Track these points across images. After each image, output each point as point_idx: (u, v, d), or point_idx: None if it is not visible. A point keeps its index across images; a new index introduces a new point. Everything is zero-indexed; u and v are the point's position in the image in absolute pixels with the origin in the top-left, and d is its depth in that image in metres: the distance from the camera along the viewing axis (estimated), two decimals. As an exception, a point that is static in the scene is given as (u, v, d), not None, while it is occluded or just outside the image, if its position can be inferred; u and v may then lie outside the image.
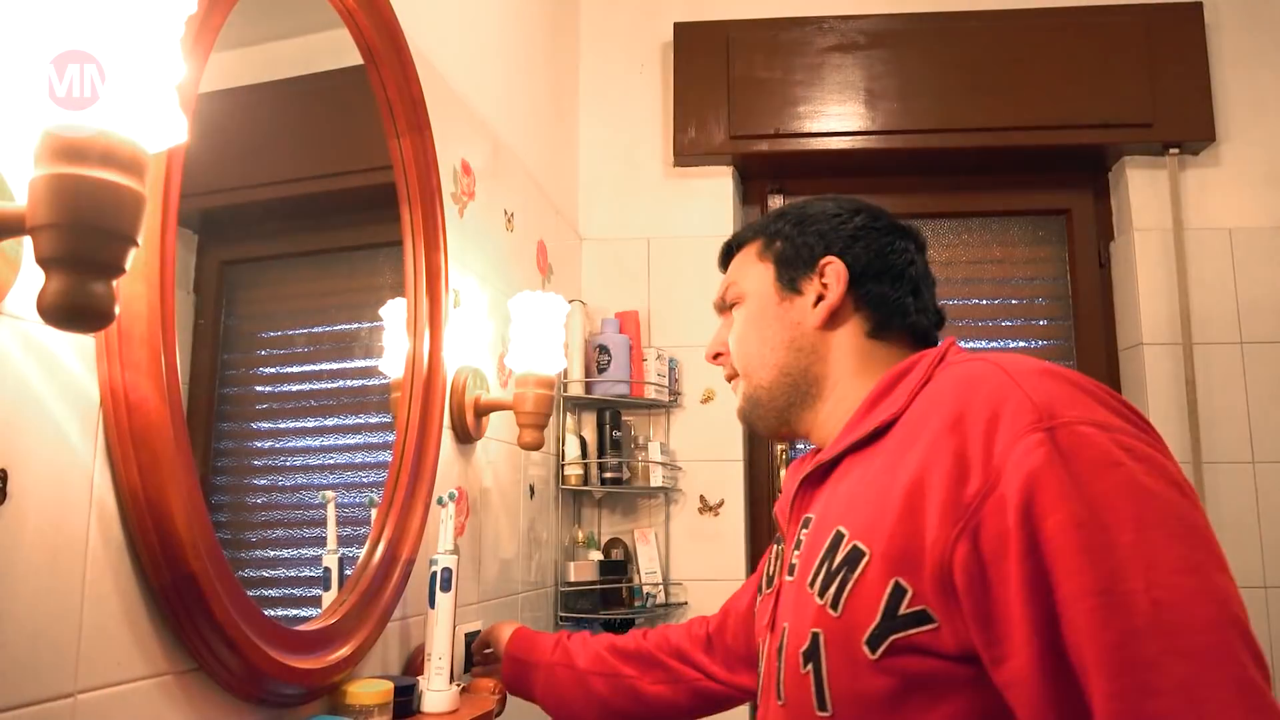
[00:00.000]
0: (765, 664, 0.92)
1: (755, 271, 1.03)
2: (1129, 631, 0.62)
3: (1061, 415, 0.70)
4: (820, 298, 0.97)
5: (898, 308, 0.97)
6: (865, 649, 0.75)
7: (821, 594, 0.80)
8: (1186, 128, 2.33)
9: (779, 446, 2.44)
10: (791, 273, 0.99)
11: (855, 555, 0.78)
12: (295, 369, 1.18)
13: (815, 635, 0.80)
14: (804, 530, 0.90)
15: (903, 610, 0.73)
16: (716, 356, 1.08)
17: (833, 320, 0.97)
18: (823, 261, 0.97)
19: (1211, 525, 0.69)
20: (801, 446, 2.29)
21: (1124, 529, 0.65)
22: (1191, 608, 0.63)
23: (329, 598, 1.13)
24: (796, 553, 0.90)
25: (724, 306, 1.08)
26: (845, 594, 0.78)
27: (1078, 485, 0.67)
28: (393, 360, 1.33)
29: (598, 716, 1.26)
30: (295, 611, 1.09)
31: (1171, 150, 2.35)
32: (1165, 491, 0.68)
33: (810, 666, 0.80)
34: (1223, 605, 0.63)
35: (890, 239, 0.99)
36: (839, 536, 0.81)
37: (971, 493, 0.71)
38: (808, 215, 1.01)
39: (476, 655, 1.40)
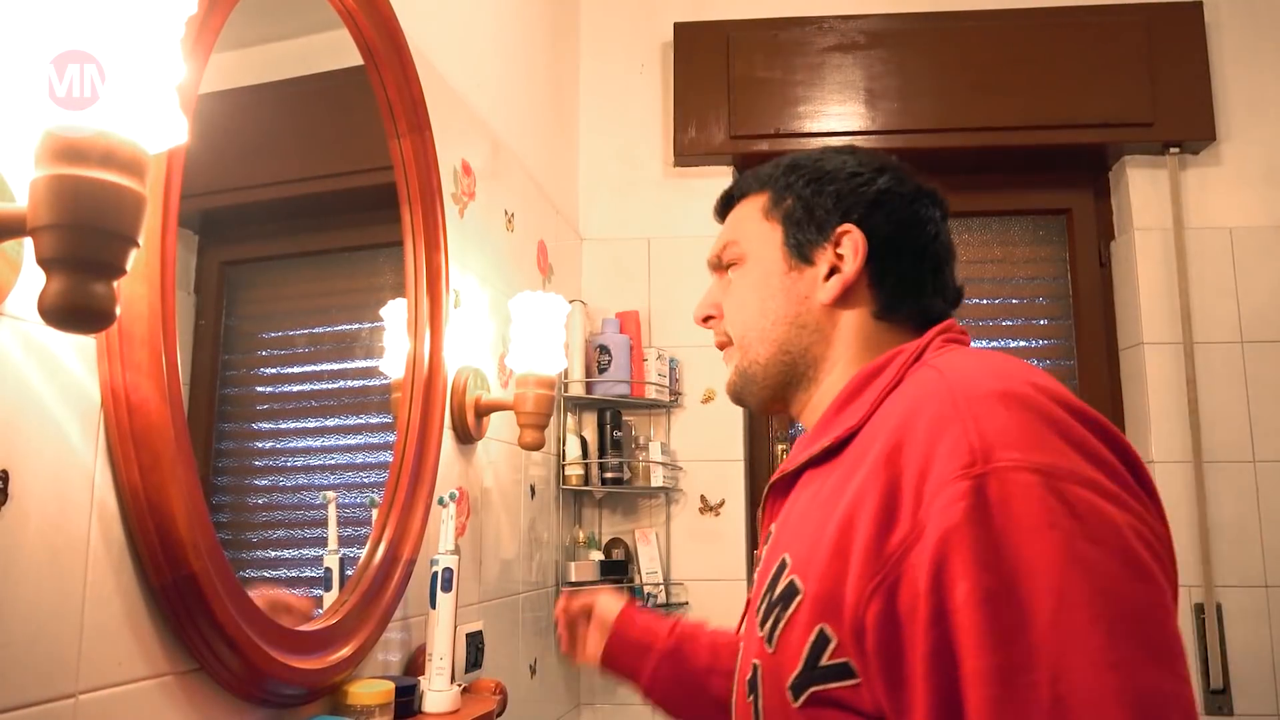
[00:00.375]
0: (733, 682, 0.87)
1: (760, 231, 0.90)
2: None
3: (998, 458, 0.60)
4: (834, 270, 0.85)
5: (914, 287, 0.86)
6: (789, 694, 0.69)
7: (762, 625, 0.74)
8: (1187, 127, 2.33)
9: (779, 446, 2.44)
10: (803, 238, 0.87)
11: (791, 592, 0.71)
12: (296, 369, 1.18)
13: (755, 667, 0.75)
14: (766, 545, 0.84)
15: (824, 661, 0.66)
16: (707, 319, 0.96)
17: (843, 297, 0.85)
18: (839, 230, 0.85)
19: (1169, 605, 0.59)
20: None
21: (1041, 607, 0.56)
22: (1100, 711, 0.53)
23: (330, 598, 1.14)
24: (757, 570, 0.84)
25: (719, 265, 0.96)
26: (778, 632, 0.71)
27: (996, 549, 0.57)
28: (393, 360, 1.33)
29: (709, 716, 1.08)
30: (296, 612, 1.09)
31: (1172, 150, 2.35)
32: (1103, 563, 0.57)
33: (752, 698, 0.75)
34: (1142, 712, 0.54)
35: (916, 207, 0.87)
36: (783, 565, 0.74)
37: (895, 543, 0.62)
38: (825, 172, 0.88)
39: (563, 623, 1.20)
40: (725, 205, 0.99)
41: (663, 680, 1.10)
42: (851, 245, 0.85)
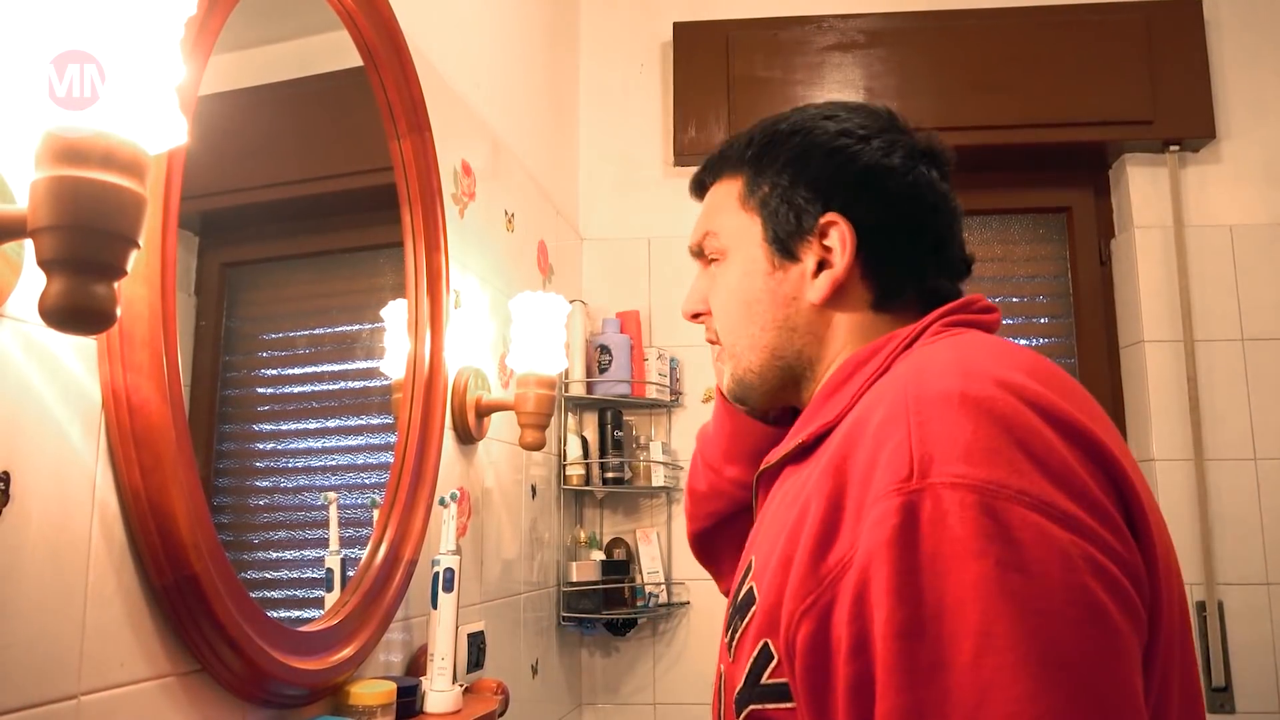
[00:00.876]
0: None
1: (738, 224, 0.81)
2: None
3: (934, 473, 0.53)
4: (822, 264, 0.77)
5: (914, 271, 0.77)
6: (734, 708, 0.64)
7: (726, 630, 0.69)
8: (1187, 125, 2.33)
9: (780, 446, 2.44)
10: (783, 232, 0.78)
11: (749, 600, 0.66)
12: (297, 370, 1.18)
13: (720, 672, 0.71)
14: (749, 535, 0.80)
15: (765, 679, 0.61)
16: (696, 316, 0.88)
17: (836, 294, 0.76)
18: (824, 220, 0.76)
19: (1126, 650, 0.51)
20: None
21: (961, 646, 0.49)
22: None
23: (331, 599, 1.14)
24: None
25: (701, 256, 0.86)
26: (735, 641, 0.66)
27: (917, 577, 0.51)
28: (394, 361, 1.33)
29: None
30: (298, 612, 1.09)
31: (1172, 147, 2.35)
32: (1040, 598, 0.50)
33: (719, 701, 0.71)
34: None
35: (909, 178, 0.77)
36: (748, 570, 0.69)
37: (832, 561, 0.56)
38: (803, 150, 0.78)
39: None
40: (699, 187, 0.88)
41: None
42: (839, 237, 0.75)
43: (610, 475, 2.22)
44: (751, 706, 0.62)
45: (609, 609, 2.14)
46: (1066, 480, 0.54)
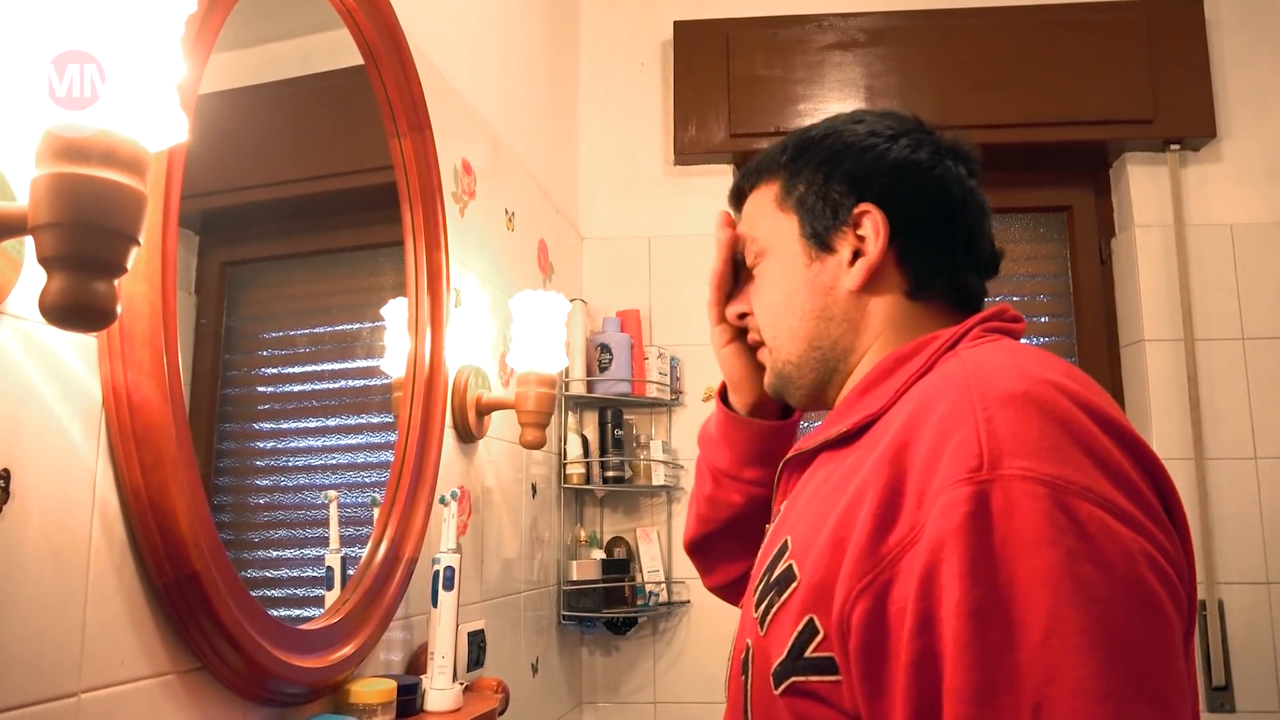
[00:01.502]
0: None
1: (775, 224, 0.86)
2: None
3: (1005, 465, 0.56)
4: (857, 254, 0.80)
5: (945, 263, 0.81)
6: (771, 680, 0.66)
7: (757, 606, 0.71)
8: (1187, 124, 2.33)
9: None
10: (820, 225, 0.82)
11: (788, 577, 0.68)
12: (297, 369, 1.18)
13: (748, 647, 0.73)
14: (773, 523, 0.82)
15: (810, 652, 0.63)
16: (742, 317, 0.93)
17: (871, 281, 0.80)
18: (857, 210, 0.80)
19: (1176, 642, 0.55)
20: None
21: (1031, 627, 0.52)
22: None
23: (332, 597, 1.14)
24: (762, 547, 0.81)
25: (743, 263, 0.92)
26: (771, 616, 0.68)
27: (991, 562, 0.54)
28: (394, 360, 1.33)
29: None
30: (298, 611, 1.09)
31: (1172, 146, 2.35)
32: (1106, 588, 0.53)
33: (744, 677, 0.73)
34: None
35: (937, 172, 0.81)
36: (784, 548, 0.71)
37: (892, 543, 0.59)
38: (835, 150, 0.83)
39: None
40: (738, 198, 0.94)
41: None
42: (872, 225, 0.79)
43: (610, 474, 2.22)
44: (794, 679, 0.64)
45: (609, 608, 2.14)
46: (1122, 480, 0.58)
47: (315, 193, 1.26)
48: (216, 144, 0.94)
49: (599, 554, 2.21)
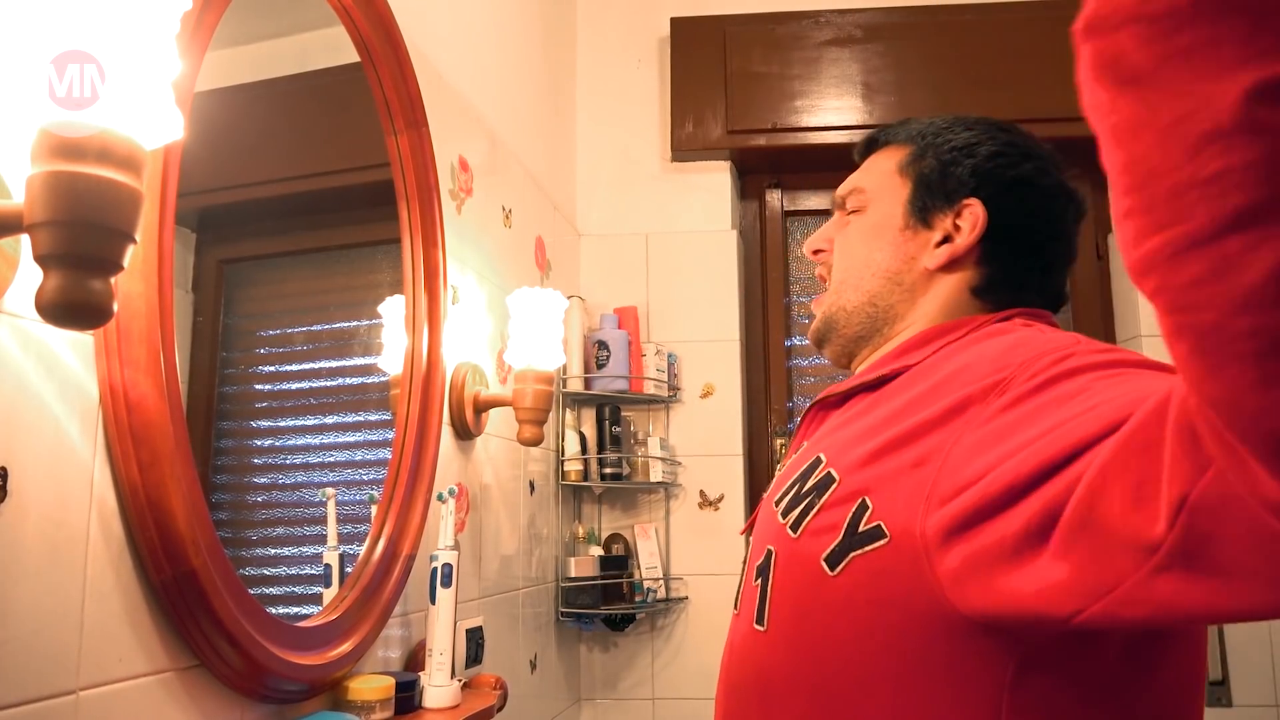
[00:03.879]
0: (741, 572, 0.89)
1: (889, 184, 0.91)
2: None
3: (1085, 349, 0.65)
4: (947, 238, 0.86)
5: (1018, 278, 0.87)
6: (824, 565, 0.71)
7: (785, 515, 0.77)
8: (1184, 119, 2.33)
9: (779, 441, 2.45)
10: (928, 201, 0.88)
11: (826, 481, 0.74)
12: (294, 367, 1.18)
13: (769, 552, 0.77)
14: (794, 455, 0.87)
15: (862, 526, 0.69)
16: (817, 253, 0.98)
17: (948, 266, 0.86)
18: (964, 201, 0.86)
19: None
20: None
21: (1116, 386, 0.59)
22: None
23: (330, 594, 1.14)
24: (780, 473, 0.86)
25: (842, 206, 0.96)
26: (810, 517, 0.74)
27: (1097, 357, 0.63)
28: (392, 357, 1.33)
29: None
30: (296, 608, 1.09)
31: (1169, 142, 2.35)
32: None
33: (759, 581, 0.78)
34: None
35: (1050, 203, 0.88)
36: (816, 462, 0.77)
37: (983, 389, 0.66)
38: (972, 143, 0.88)
39: None
40: (868, 147, 0.98)
41: None
42: (971, 219, 0.85)
43: (608, 471, 2.22)
44: (853, 554, 0.69)
45: (607, 604, 2.14)
46: None
47: (312, 190, 1.26)
48: (213, 142, 0.94)
49: (597, 551, 2.21)
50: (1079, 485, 0.51)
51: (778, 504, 0.79)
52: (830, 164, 2.51)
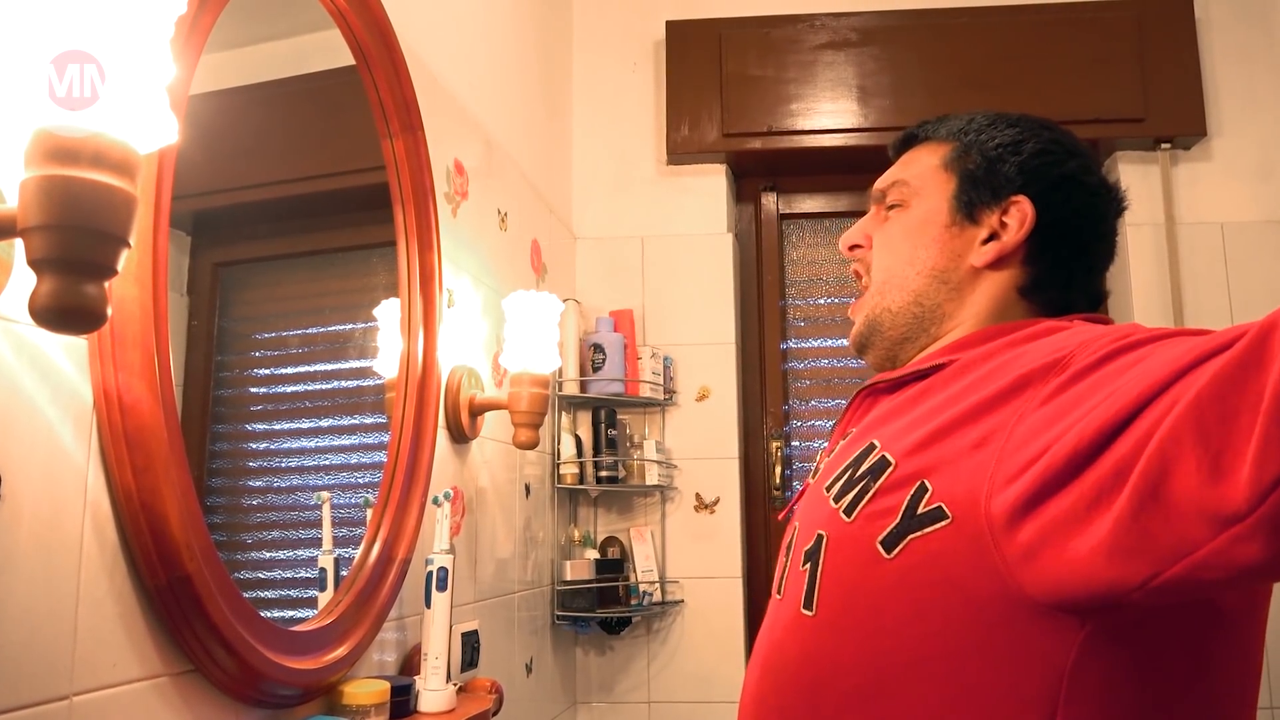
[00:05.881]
0: (780, 559, 0.87)
1: (933, 179, 0.90)
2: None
3: (1141, 332, 0.64)
4: (993, 236, 0.86)
5: (1064, 275, 0.86)
6: (880, 549, 0.70)
7: (837, 499, 0.75)
8: (1178, 122, 2.34)
9: (774, 444, 2.45)
10: (975, 197, 0.87)
11: (881, 465, 0.73)
12: (290, 370, 1.18)
13: (820, 536, 0.76)
14: (843, 441, 0.86)
15: (921, 509, 0.68)
16: (853, 248, 0.95)
17: (994, 264, 0.85)
18: (1012, 198, 0.85)
19: None
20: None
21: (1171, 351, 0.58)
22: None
23: (325, 598, 1.13)
24: (828, 459, 0.85)
25: (882, 200, 0.94)
26: (863, 502, 0.73)
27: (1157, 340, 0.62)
28: (387, 360, 1.33)
29: None
30: (291, 612, 1.09)
31: (1163, 145, 2.36)
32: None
33: (808, 566, 0.76)
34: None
35: (1094, 200, 0.87)
36: (870, 448, 0.76)
37: (1044, 365, 0.66)
38: (1016, 140, 0.88)
39: None
40: (905, 143, 0.97)
41: None
42: (1019, 216, 0.85)
43: (604, 474, 2.22)
44: (911, 536, 0.68)
45: (603, 608, 2.14)
46: None
47: (307, 193, 1.25)
48: (208, 145, 0.94)
49: (593, 554, 2.21)
50: (1150, 445, 0.51)
51: (829, 489, 0.77)
52: (826, 167, 2.53)
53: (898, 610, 0.68)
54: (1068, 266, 0.86)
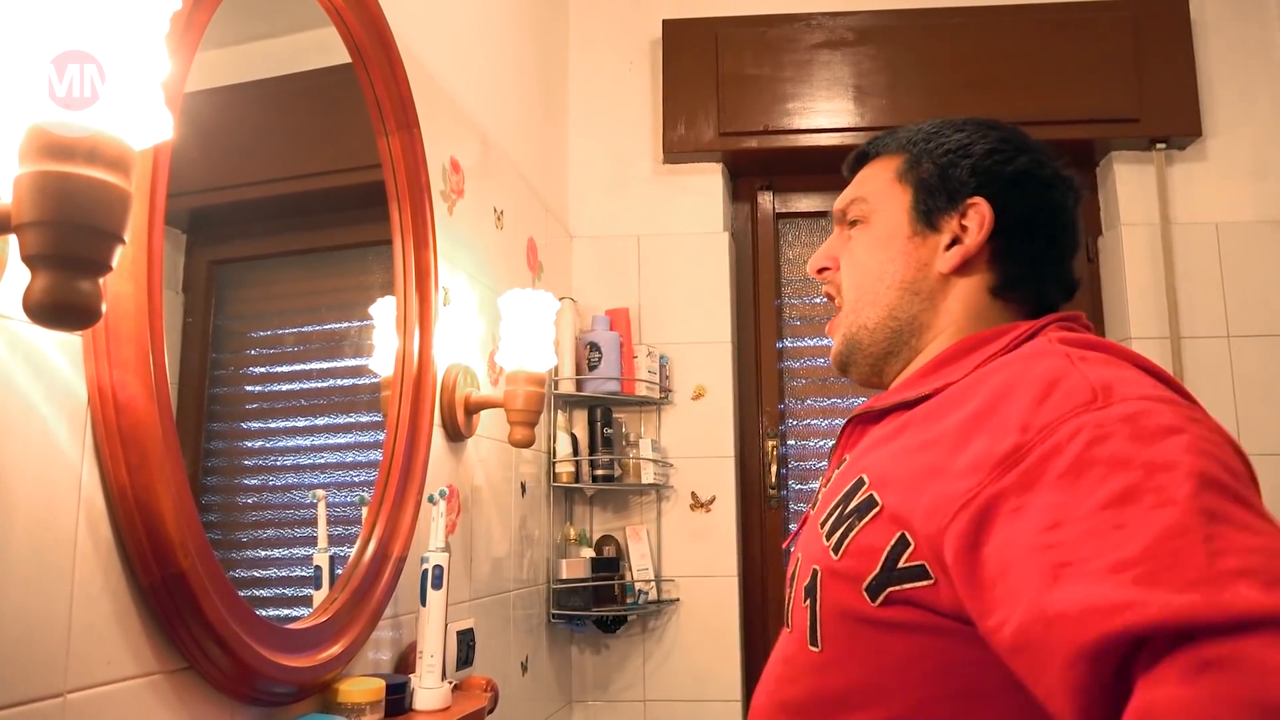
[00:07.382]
0: (786, 589, 0.88)
1: (889, 192, 0.91)
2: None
3: (1120, 395, 0.62)
4: (955, 240, 0.87)
5: (1034, 270, 0.87)
6: (865, 595, 0.71)
7: (828, 536, 0.76)
8: (1173, 123, 2.34)
9: (770, 443, 2.45)
10: (931, 205, 0.88)
11: (868, 504, 0.73)
12: (285, 368, 1.18)
13: (815, 572, 0.77)
14: (838, 470, 0.86)
15: (903, 563, 0.68)
16: (821, 271, 0.97)
17: (962, 269, 0.87)
18: (969, 201, 0.86)
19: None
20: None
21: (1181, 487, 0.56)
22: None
23: (320, 596, 1.13)
24: (824, 490, 0.86)
25: (843, 220, 0.96)
26: (849, 539, 0.73)
27: (1140, 442, 0.59)
28: (383, 359, 1.33)
29: None
30: (286, 610, 1.09)
31: (1158, 145, 2.36)
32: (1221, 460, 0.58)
33: (809, 602, 0.77)
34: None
35: (1050, 192, 0.88)
36: (859, 483, 0.76)
37: (1002, 453, 0.63)
38: (965, 144, 0.89)
39: None
40: (858, 162, 0.98)
41: None
42: (978, 218, 0.86)
43: (600, 472, 2.22)
44: (890, 589, 0.69)
45: (599, 606, 2.14)
46: (1194, 404, 0.67)
47: (303, 191, 1.25)
48: (204, 142, 0.93)
49: (588, 552, 2.21)
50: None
51: (822, 525, 0.78)
52: (822, 166, 2.52)
53: (894, 651, 0.70)
54: (1034, 261, 0.87)
